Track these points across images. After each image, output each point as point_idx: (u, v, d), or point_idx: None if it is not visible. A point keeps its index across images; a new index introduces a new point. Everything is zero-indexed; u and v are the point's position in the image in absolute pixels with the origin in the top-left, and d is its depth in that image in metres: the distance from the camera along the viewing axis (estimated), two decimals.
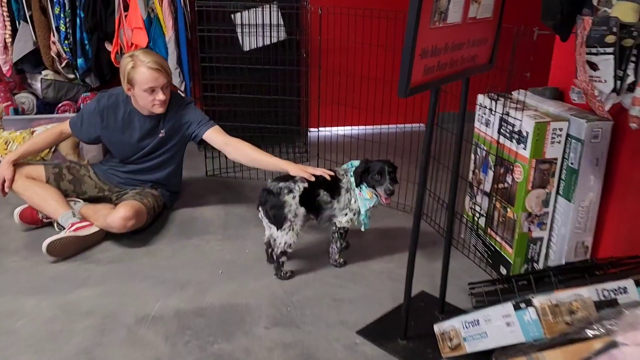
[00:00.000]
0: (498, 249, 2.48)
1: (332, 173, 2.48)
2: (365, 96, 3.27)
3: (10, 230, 2.89)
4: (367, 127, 3.48)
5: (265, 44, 3.89)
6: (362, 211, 2.49)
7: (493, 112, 2.41)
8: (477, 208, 2.61)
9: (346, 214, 2.50)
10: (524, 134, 2.22)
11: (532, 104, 2.38)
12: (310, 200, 2.43)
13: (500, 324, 1.64)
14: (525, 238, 2.34)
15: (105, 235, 2.79)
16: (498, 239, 2.48)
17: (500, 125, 2.39)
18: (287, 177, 2.44)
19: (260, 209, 2.44)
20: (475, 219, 2.65)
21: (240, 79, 3.79)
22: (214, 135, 2.84)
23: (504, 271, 2.43)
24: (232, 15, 3.83)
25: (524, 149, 2.23)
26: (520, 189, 2.28)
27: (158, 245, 2.77)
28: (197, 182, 3.59)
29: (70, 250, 2.63)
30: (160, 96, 2.73)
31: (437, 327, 1.96)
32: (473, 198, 2.68)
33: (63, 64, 3.68)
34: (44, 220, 2.89)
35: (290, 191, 2.37)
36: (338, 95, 3.45)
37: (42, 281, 2.43)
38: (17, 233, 2.86)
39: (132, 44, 3.57)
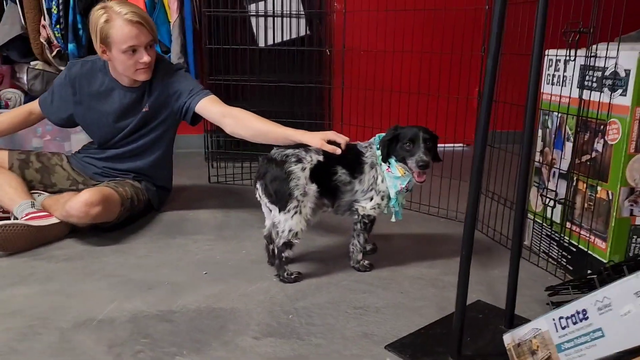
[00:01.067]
0: (583, 247, 1.79)
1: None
2: (396, 108, 2.72)
3: None
4: None
5: (284, 39, 3.43)
6: (392, 194, 1.85)
7: (572, 59, 1.80)
8: (551, 195, 1.94)
9: (371, 198, 1.87)
10: (622, 74, 1.59)
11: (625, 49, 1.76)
12: (326, 179, 1.83)
13: (630, 309, 0.95)
14: (626, 226, 1.66)
15: (70, 232, 2.22)
16: (583, 233, 1.79)
17: (584, 76, 1.76)
18: (298, 145, 1.85)
19: (257, 184, 1.84)
20: (548, 211, 1.97)
21: (251, 69, 3.28)
22: (209, 106, 2.26)
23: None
24: (248, 6, 3.40)
25: (623, 94, 1.59)
26: (617, 154, 1.63)
27: (131, 244, 2.17)
28: (197, 188, 3.02)
29: (20, 243, 2.06)
30: (144, 57, 2.20)
31: (509, 337, 1.28)
32: (542, 185, 2.02)
33: (54, 53, 3.23)
34: (0, 214, 2.34)
35: (299, 161, 1.77)
36: (364, 102, 2.90)
37: None
38: None
39: None
